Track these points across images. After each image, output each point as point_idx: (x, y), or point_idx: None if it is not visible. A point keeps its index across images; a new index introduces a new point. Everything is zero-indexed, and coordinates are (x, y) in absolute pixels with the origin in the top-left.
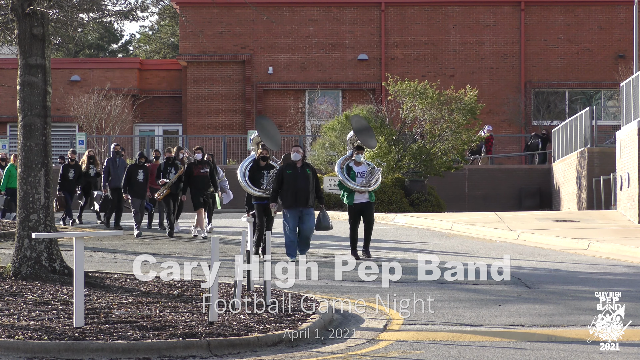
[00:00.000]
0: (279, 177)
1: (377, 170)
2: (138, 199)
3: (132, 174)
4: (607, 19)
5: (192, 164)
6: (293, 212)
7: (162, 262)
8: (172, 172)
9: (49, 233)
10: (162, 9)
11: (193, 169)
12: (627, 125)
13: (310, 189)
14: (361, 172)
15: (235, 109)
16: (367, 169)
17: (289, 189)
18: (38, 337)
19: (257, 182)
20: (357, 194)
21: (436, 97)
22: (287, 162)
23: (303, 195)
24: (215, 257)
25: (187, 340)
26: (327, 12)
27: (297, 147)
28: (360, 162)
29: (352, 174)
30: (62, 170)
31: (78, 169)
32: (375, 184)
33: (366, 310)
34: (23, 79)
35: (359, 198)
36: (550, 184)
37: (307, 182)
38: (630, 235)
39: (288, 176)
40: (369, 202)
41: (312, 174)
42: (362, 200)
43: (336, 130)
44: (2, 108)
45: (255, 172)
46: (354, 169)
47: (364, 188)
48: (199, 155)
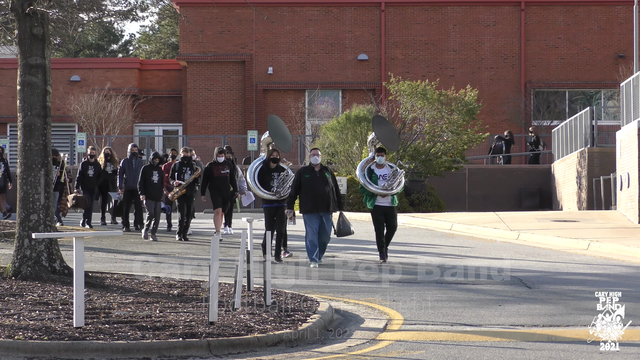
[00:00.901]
0: (296, 182)
1: (399, 172)
2: (153, 201)
3: (147, 175)
4: (607, 19)
5: (213, 164)
6: (313, 217)
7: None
8: (188, 172)
9: (49, 233)
10: (162, 9)
11: (214, 170)
12: (627, 125)
13: (329, 193)
14: (383, 175)
15: (235, 109)
16: (389, 172)
17: (307, 193)
18: (38, 337)
19: (267, 184)
20: (380, 198)
21: (436, 97)
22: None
23: (322, 200)
24: (215, 257)
25: (187, 340)
26: (327, 12)
27: (316, 149)
28: (382, 164)
29: (373, 177)
30: (81, 168)
31: (98, 167)
32: (397, 187)
33: (366, 310)
34: (23, 79)
35: (381, 201)
36: (550, 184)
37: (326, 186)
38: (630, 235)
39: (306, 180)
40: (391, 206)
41: (331, 177)
42: (384, 204)
43: (336, 130)
44: (2, 108)
45: (265, 174)
46: (376, 171)
47: (385, 191)
48: (220, 158)
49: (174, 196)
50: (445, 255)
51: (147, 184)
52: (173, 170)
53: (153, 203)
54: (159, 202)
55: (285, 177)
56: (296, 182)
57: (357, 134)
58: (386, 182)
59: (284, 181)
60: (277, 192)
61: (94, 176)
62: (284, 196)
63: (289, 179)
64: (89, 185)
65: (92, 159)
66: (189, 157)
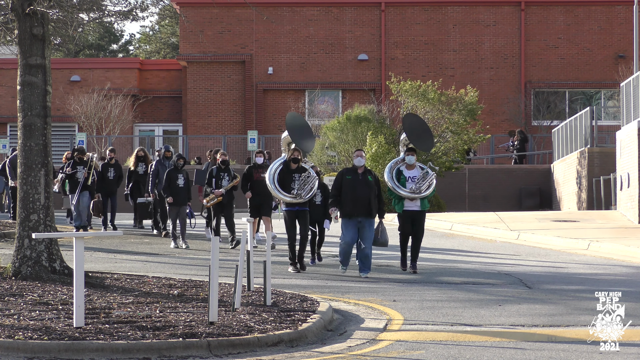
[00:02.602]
0: (337, 183)
1: (430, 174)
2: (177, 206)
3: (172, 179)
4: (607, 19)
5: (253, 167)
6: (351, 222)
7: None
8: (226, 178)
9: (49, 233)
10: (162, 9)
11: (253, 173)
12: (627, 125)
13: (371, 197)
14: (412, 177)
15: (235, 109)
16: (419, 174)
17: (347, 196)
18: (38, 337)
19: (287, 186)
20: (408, 201)
21: (437, 98)
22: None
23: (362, 204)
24: (215, 257)
25: (187, 340)
26: (327, 12)
27: (360, 151)
28: (412, 165)
29: (402, 179)
30: (101, 169)
31: (118, 169)
32: (427, 190)
33: (366, 310)
34: (23, 79)
35: (410, 205)
36: (550, 184)
37: (368, 190)
38: (630, 235)
39: (347, 182)
40: (420, 211)
41: (374, 181)
42: (412, 208)
43: (336, 130)
44: (2, 108)
45: (285, 176)
46: (405, 173)
47: (414, 195)
48: (259, 159)
49: (209, 203)
50: (446, 255)
51: (172, 188)
52: (210, 176)
53: (176, 209)
54: (183, 207)
55: (307, 178)
56: (337, 183)
57: (357, 134)
58: (415, 184)
59: (305, 182)
60: (298, 194)
61: (115, 178)
62: (306, 199)
63: (310, 181)
64: (108, 187)
65: (111, 160)
66: (227, 161)
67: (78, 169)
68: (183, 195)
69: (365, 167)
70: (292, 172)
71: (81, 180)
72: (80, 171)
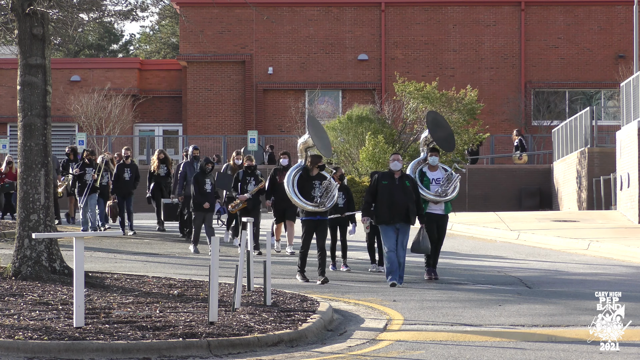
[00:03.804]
0: (372, 188)
1: (454, 176)
2: (202, 212)
3: (200, 184)
4: (607, 19)
5: (278, 170)
6: (389, 229)
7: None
8: (252, 182)
9: (49, 233)
10: (162, 9)
11: (278, 176)
12: (627, 125)
13: (409, 204)
14: (436, 179)
15: (235, 109)
16: (443, 176)
17: (383, 202)
18: (38, 337)
19: (307, 193)
20: (431, 204)
21: (438, 98)
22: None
23: (400, 211)
24: (215, 257)
25: (187, 340)
26: (327, 12)
27: (397, 155)
28: (435, 166)
29: (425, 180)
30: (116, 170)
31: (134, 169)
32: (452, 193)
33: (366, 310)
34: (23, 79)
35: (433, 208)
36: (550, 184)
37: (406, 196)
38: (630, 235)
39: (383, 188)
40: (444, 215)
41: (412, 186)
42: (436, 212)
43: (337, 130)
44: (2, 108)
45: (305, 182)
46: (428, 174)
47: (439, 198)
48: (284, 160)
49: (234, 208)
50: (446, 255)
51: (200, 193)
52: (236, 180)
53: (203, 214)
54: (210, 212)
55: (328, 185)
56: (372, 188)
57: (358, 134)
58: (440, 187)
59: (327, 190)
60: (322, 202)
61: (131, 179)
62: (328, 207)
63: (332, 189)
64: (124, 189)
65: (127, 160)
66: (254, 165)
67: (87, 170)
68: (211, 200)
69: (402, 172)
70: (313, 179)
71: (90, 182)
72: (89, 173)
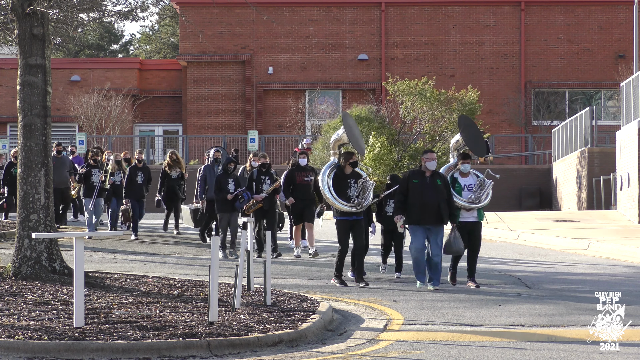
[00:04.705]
0: (403, 187)
1: (487, 183)
2: (227, 213)
3: (223, 185)
4: (607, 19)
5: (295, 170)
6: (419, 229)
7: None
8: (267, 182)
9: (49, 233)
10: (162, 9)
11: (296, 176)
12: (627, 125)
13: (440, 203)
14: (468, 185)
15: (235, 109)
16: (475, 182)
17: (414, 201)
18: (38, 337)
19: (342, 193)
20: (464, 212)
21: (435, 97)
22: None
23: (431, 211)
24: (215, 257)
25: (187, 340)
26: (327, 12)
27: (432, 153)
28: (466, 172)
29: (457, 187)
30: (129, 173)
31: (147, 172)
32: (485, 200)
33: (366, 310)
34: (23, 79)
35: (466, 216)
36: (550, 184)
37: (438, 195)
38: (630, 235)
39: (414, 186)
40: (477, 222)
41: (444, 185)
42: (469, 219)
43: (337, 129)
44: (2, 108)
45: (340, 181)
46: (460, 181)
47: (472, 205)
48: (303, 160)
49: (249, 210)
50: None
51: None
52: (250, 180)
53: (227, 216)
54: (234, 214)
55: (364, 184)
56: (403, 187)
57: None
58: (472, 194)
59: (364, 189)
60: (359, 203)
61: (144, 182)
62: (365, 207)
63: (368, 187)
64: (137, 192)
65: (140, 163)
66: (269, 164)
67: (93, 172)
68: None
69: (433, 170)
70: (348, 178)
71: (97, 184)
72: (96, 174)
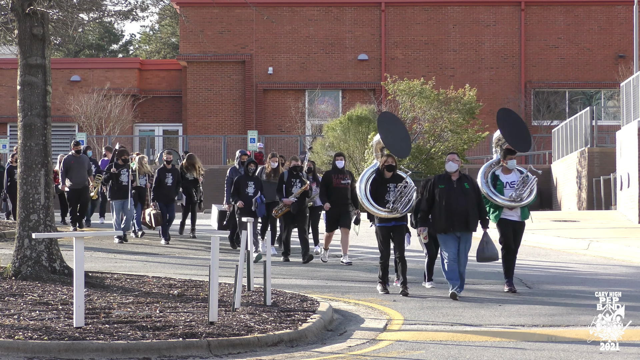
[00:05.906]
0: (429, 193)
1: (530, 179)
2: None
3: (242, 187)
4: (607, 19)
5: (331, 172)
6: (449, 238)
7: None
8: (297, 185)
9: (49, 233)
10: (162, 9)
11: (332, 179)
12: (627, 125)
13: (469, 208)
14: (511, 183)
15: (235, 109)
16: (518, 178)
17: (441, 208)
18: (38, 337)
19: (380, 198)
20: (506, 210)
21: (434, 97)
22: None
23: (460, 217)
24: (215, 257)
25: (187, 340)
26: (327, 12)
27: (453, 154)
28: (510, 169)
29: (499, 184)
30: (157, 174)
31: (176, 174)
32: (528, 198)
33: (366, 310)
34: (23, 79)
35: (509, 214)
36: (550, 184)
37: (467, 200)
38: (630, 235)
39: (440, 192)
40: (521, 222)
41: (472, 188)
42: (512, 218)
43: (336, 130)
44: (2, 108)
45: (379, 186)
46: (502, 178)
47: (514, 203)
48: (340, 162)
49: (278, 213)
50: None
51: (242, 196)
52: (280, 182)
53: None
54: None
55: (404, 188)
56: (429, 194)
57: (358, 134)
58: (515, 191)
59: (402, 194)
60: (394, 208)
61: (173, 184)
62: (403, 213)
63: (407, 192)
64: (167, 195)
65: (168, 164)
66: (300, 166)
67: (122, 172)
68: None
69: (460, 173)
70: (387, 182)
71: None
72: (124, 174)
